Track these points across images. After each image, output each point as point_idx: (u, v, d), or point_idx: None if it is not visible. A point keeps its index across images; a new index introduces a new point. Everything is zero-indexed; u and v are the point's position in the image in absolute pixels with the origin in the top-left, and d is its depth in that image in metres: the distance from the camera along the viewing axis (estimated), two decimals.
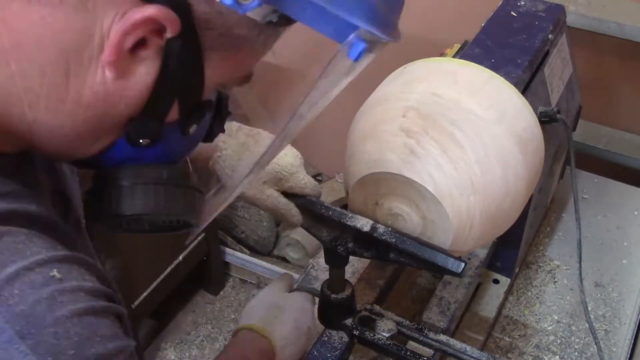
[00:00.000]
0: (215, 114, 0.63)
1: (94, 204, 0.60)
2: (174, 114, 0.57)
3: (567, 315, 1.21)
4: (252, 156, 0.68)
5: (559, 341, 1.17)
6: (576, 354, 1.15)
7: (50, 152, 0.58)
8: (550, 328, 1.19)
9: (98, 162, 0.60)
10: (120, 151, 0.58)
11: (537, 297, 1.25)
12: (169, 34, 0.52)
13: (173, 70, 0.54)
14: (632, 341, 1.17)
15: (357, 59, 0.52)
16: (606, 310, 1.21)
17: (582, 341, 1.17)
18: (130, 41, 0.51)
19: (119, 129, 0.57)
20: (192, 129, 0.60)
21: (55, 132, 0.55)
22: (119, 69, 0.52)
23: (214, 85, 0.59)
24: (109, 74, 0.52)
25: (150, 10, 0.50)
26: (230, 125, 0.88)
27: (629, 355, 1.15)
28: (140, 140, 0.57)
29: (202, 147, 0.82)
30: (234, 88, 0.64)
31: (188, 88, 0.56)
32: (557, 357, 1.14)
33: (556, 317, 1.21)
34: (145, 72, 0.53)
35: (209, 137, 0.65)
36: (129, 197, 0.58)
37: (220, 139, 0.86)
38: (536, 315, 1.22)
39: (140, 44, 0.52)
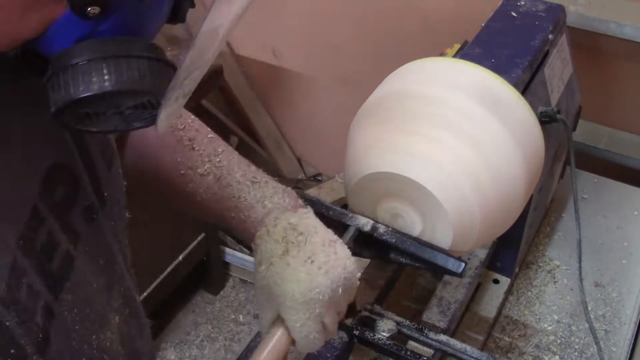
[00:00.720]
0: None
1: (50, 95, 0.49)
2: None
3: (567, 315, 1.21)
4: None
5: (558, 341, 1.17)
6: (576, 354, 1.15)
7: None
8: (550, 328, 1.19)
9: (49, 49, 0.49)
10: (68, 29, 0.48)
11: (537, 297, 1.25)
12: None
13: None
14: (632, 341, 1.17)
15: None
16: (606, 310, 1.21)
17: (582, 341, 1.17)
18: None
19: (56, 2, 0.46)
20: None
21: None
22: None
23: None
24: None
25: None
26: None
27: (629, 355, 1.15)
28: (88, 9, 0.47)
29: (252, 215, 0.77)
30: None
31: None
32: (557, 357, 1.14)
33: (556, 317, 1.21)
34: None
35: (178, 12, 0.54)
36: (83, 75, 0.48)
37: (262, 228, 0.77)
38: (536, 315, 1.22)
39: None
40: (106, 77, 0.48)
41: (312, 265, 0.73)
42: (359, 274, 0.77)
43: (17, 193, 0.55)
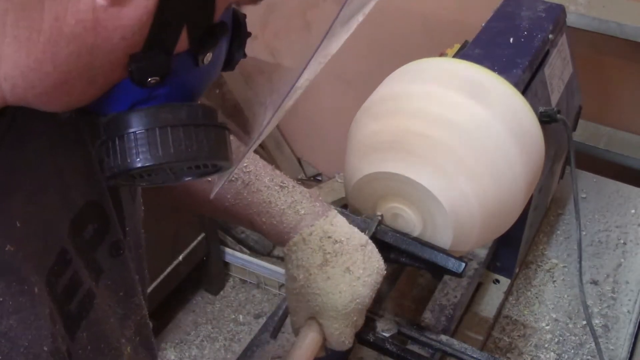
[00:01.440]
0: (233, 37, 0.53)
1: (104, 160, 0.49)
2: (183, 43, 0.48)
3: (566, 315, 1.21)
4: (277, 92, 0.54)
5: (557, 340, 1.17)
6: (575, 353, 1.15)
7: (31, 100, 0.47)
8: (549, 327, 1.19)
9: (102, 109, 0.50)
10: (125, 94, 0.48)
11: (537, 297, 1.25)
12: None
13: None
14: (632, 340, 1.17)
15: None
16: (605, 310, 1.21)
17: (581, 340, 1.17)
18: None
19: (119, 67, 0.47)
20: (207, 58, 0.50)
21: (31, 73, 0.44)
22: None
23: (226, 2, 0.49)
24: (101, 0, 0.43)
25: None
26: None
27: (628, 355, 1.15)
28: (149, 79, 0.48)
29: (285, 222, 0.78)
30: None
31: (196, 10, 0.47)
32: (556, 356, 1.14)
33: (555, 317, 1.21)
34: None
35: (229, 64, 0.54)
36: (141, 146, 0.48)
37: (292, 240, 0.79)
38: (535, 314, 1.22)
39: None
40: (162, 148, 0.48)
41: (351, 276, 0.77)
42: (384, 272, 0.81)
43: (47, 237, 0.54)
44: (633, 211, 1.41)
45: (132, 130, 0.48)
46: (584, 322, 1.16)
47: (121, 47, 0.45)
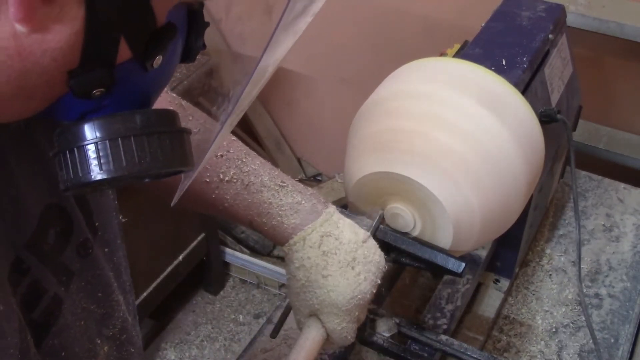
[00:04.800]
0: (190, 29, 0.51)
1: (58, 172, 0.48)
2: (124, 53, 0.46)
3: (565, 315, 1.21)
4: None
5: (556, 339, 1.17)
6: (575, 353, 1.15)
7: None
8: (548, 327, 1.19)
9: (53, 116, 0.48)
10: (72, 105, 0.47)
11: (537, 297, 1.25)
12: None
13: (105, 8, 0.43)
14: (632, 340, 1.17)
15: None
16: (605, 310, 1.21)
17: (580, 340, 1.17)
18: None
19: (58, 83, 0.45)
20: (157, 62, 0.48)
21: None
22: (34, 22, 0.41)
23: (168, 8, 0.47)
24: (21, 28, 0.41)
25: None
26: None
27: (628, 355, 1.15)
28: (93, 92, 0.46)
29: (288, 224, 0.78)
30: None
31: (132, 21, 0.45)
32: (556, 355, 1.15)
33: (555, 317, 1.21)
34: (70, 17, 0.42)
35: (189, 56, 0.52)
36: (92, 160, 0.46)
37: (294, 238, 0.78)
38: (535, 314, 1.22)
39: None
40: (114, 161, 0.46)
41: (352, 272, 0.77)
42: (385, 267, 0.81)
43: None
44: (633, 211, 1.41)
45: (82, 143, 0.46)
46: (584, 322, 1.16)
47: (54, 67, 0.44)
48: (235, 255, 2.37)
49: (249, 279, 2.40)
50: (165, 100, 0.76)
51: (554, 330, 1.19)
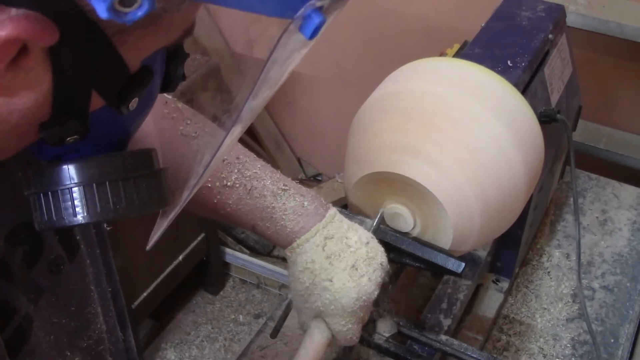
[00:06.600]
0: (169, 61, 0.49)
1: (33, 212, 0.48)
2: (97, 102, 0.45)
3: (565, 315, 1.21)
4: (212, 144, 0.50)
5: (556, 339, 1.17)
6: (575, 353, 1.15)
7: None
8: (548, 327, 1.19)
9: (28, 154, 0.48)
10: (47, 149, 0.47)
11: (537, 297, 1.25)
12: (46, 44, 0.40)
13: (73, 71, 0.43)
14: (632, 340, 1.17)
15: (312, 36, 0.39)
16: (605, 310, 1.21)
17: (580, 340, 1.17)
18: None
19: (30, 134, 0.45)
20: (132, 104, 0.47)
21: None
22: None
23: (141, 58, 0.46)
24: None
25: (8, 31, 0.37)
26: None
27: (628, 355, 1.15)
28: (67, 139, 0.46)
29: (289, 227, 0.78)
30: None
31: (103, 74, 0.44)
32: (555, 355, 1.15)
33: (555, 316, 1.21)
34: (36, 80, 0.42)
35: (169, 86, 0.51)
36: (66, 205, 0.46)
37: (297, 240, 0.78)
38: (535, 314, 1.22)
39: (20, 53, 0.40)
40: (89, 207, 0.46)
41: (356, 273, 0.77)
42: (388, 267, 0.81)
43: None
44: (633, 211, 1.41)
45: (56, 188, 0.46)
46: (584, 322, 1.16)
47: (24, 123, 0.44)
48: (235, 255, 2.37)
49: (249, 279, 2.40)
50: (162, 102, 0.76)
51: (554, 330, 1.19)
